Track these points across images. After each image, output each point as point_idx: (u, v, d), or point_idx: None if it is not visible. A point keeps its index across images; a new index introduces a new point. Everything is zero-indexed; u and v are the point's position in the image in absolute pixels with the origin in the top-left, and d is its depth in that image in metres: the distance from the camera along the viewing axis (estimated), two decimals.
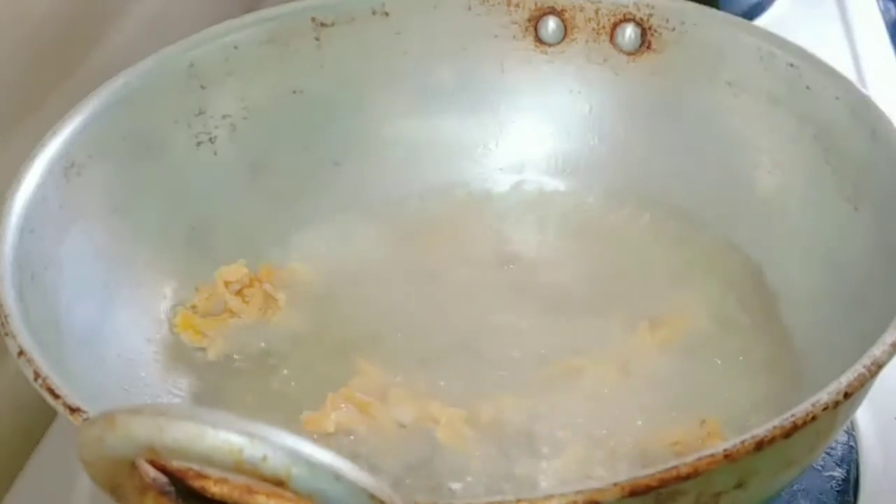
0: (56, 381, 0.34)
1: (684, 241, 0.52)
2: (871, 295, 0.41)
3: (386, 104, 0.55)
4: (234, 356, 0.47)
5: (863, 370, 0.33)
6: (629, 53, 0.54)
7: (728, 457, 0.30)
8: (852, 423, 0.47)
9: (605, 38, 0.54)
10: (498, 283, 0.50)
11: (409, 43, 0.54)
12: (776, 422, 0.31)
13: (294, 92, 0.54)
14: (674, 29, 0.52)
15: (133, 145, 0.49)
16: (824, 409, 0.32)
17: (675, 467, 0.30)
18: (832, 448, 0.46)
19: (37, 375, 0.35)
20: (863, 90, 0.46)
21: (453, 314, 0.48)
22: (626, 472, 0.30)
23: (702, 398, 0.44)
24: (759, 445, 0.31)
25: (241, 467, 0.25)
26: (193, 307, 0.48)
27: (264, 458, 0.25)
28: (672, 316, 0.48)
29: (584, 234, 0.53)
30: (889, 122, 0.44)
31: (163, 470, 0.29)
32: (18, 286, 0.39)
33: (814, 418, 0.32)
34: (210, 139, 0.52)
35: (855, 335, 0.39)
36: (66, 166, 0.45)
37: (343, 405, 0.44)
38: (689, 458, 0.30)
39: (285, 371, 0.47)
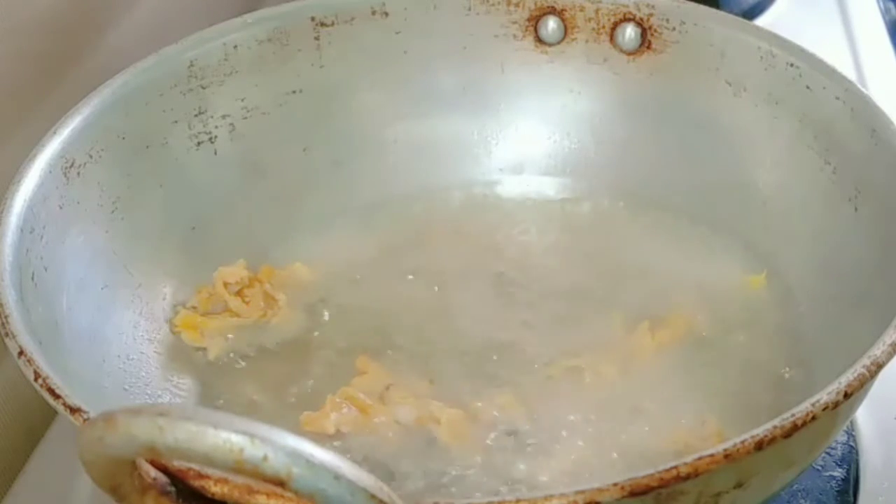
0: (56, 381, 0.34)
1: (684, 240, 0.52)
2: (871, 295, 0.41)
3: (386, 104, 0.55)
4: (234, 356, 0.47)
5: (863, 370, 0.33)
6: (629, 53, 0.54)
7: (728, 457, 0.30)
8: (852, 423, 0.47)
9: (605, 38, 0.54)
10: (498, 283, 0.50)
11: (409, 43, 0.54)
12: (776, 422, 0.31)
13: (294, 92, 0.54)
14: (674, 29, 0.52)
15: (133, 145, 0.49)
16: (824, 409, 0.32)
17: (675, 467, 0.30)
18: (832, 448, 0.46)
19: (37, 375, 0.35)
20: (863, 90, 0.46)
21: (453, 314, 0.48)
22: (625, 472, 0.30)
23: (702, 398, 0.44)
24: (759, 445, 0.31)
25: (241, 467, 0.25)
26: (193, 307, 0.48)
27: (265, 458, 0.25)
28: (672, 316, 0.48)
29: (584, 235, 0.53)
30: (889, 122, 0.44)
31: (163, 470, 0.29)
32: (18, 286, 0.39)
33: (814, 418, 0.32)
34: (210, 139, 0.52)
35: (855, 335, 0.39)
36: (66, 166, 0.45)
37: (343, 405, 0.44)
38: (689, 458, 0.30)
39: (285, 371, 0.47)
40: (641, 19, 0.53)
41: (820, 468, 0.45)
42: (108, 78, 0.49)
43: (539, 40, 0.55)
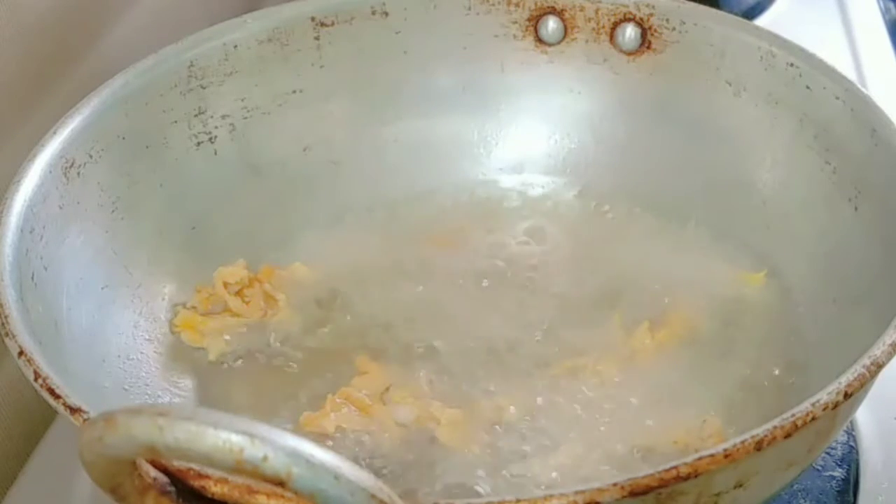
0: (56, 382, 0.34)
1: (684, 240, 0.52)
2: (871, 295, 0.41)
3: (386, 104, 0.55)
4: (235, 356, 0.47)
5: (863, 370, 0.33)
6: (629, 53, 0.54)
7: (728, 457, 0.30)
8: (852, 423, 0.47)
9: (605, 37, 0.54)
10: (498, 283, 0.50)
11: (409, 43, 0.54)
12: (776, 422, 0.31)
13: (294, 92, 0.54)
14: (674, 29, 0.52)
15: (133, 145, 0.49)
16: (824, 409, 0.32)
17: (675, 467, 0.30)
18: (832, 448, 0.46)
19: (37, 376, 0.35)
20: (863, 90, 0.46)
21: (453, 314, 0.48)
22: (625, 473, 0.30)
23: (702, 398, 0.44)
24: (759, 445, 0.31)
25: (241, 467, 0.25)
26: (193, 307, 0.48)
27: (265, 458, 0.25)
28: (672, 316, 0.48)
29: (583, 234, 0.53)
30: (889, 122, 0.44)
31: (163, 470, 0.29)
32: (18, 286, 0.39)
33: (814, 418, 0.32)
34: (210, 139, 0.52)
35: (855, 335, 0.39)
36: (66, 166, 0.45)
37: (343, 405, 0.44)
38: (689, 458, 0.30)
39: (285, 371, 0.47)
40: (641, 19, 0.53)
41: (820, 468, 0.45)
42: (108, 78, 0.49)
43: (539, 40, 0.55)
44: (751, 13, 0.75)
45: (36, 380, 0.35)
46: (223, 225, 0.51)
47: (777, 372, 0.45)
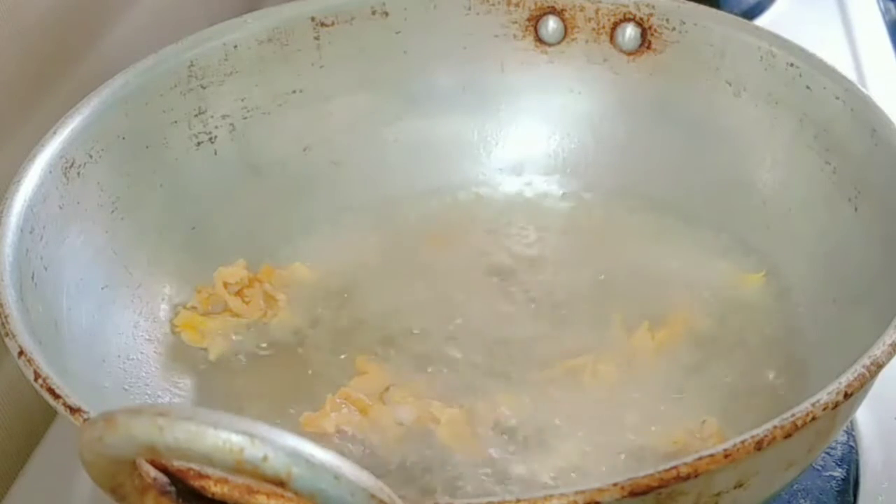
0: (56, 382, 0.34)
1: (684, 240, 0.52)
2: (871, 295, 0.41)
3: (386, 104, 0.55)
4: (234, 356, 0.47)
5: (863, 370, 0.33)
6: (629, 53, 0.54)
7: (728, 457, 0.30)
8: (852, 423, 0.47)
9: (605, 37, 0.54)
10: (498, 283, 0.50)
11: (409, 43, 0.54)
12: (776, 422, 0.31)
13: (294, 92, 0.54)
14: (674, 29, 0.52)
15: (133, 145, 0.49)
16: (824, 409, 0.32)
17: (675, 467, 0.30)
18: (832, 448, 0.46)
19: (37, 376, 0.35)
20: (863, 90, 0.46)
21: (453, 314, 0.48)
22: (625, 472, 0.30)
23: (702, 398, 0.44)
24: (759, 445, 0.31)
25: (241, 467, 0.25)
26: (193, 307, 0.48)
27: (265, 459, 0.25)
28: (672, 316, 0.48)
29: (584, 235, 0.53)
30: (889, 122, 0.44)
31: (163, 470, 0.29)
32: (18, 286, 0.39)
33: (814, 418, 0.32)
34: (210, 139, 0.52)
35: (855, 335, 0.39)
36: (66, 166, 0.45)
37: (343, 405, 0.44)
38: (689, 458, 0.30)
39: (285, 371, 0.47)
40: (641, 19, 0.53)
41: (820, 468, 0.45)
42: (108, 78, 0.49)
43: (539, 40, 0.55)
44: (751, 13, 0.75)
45: (36, 380, 0.35)
46: (223, 225, 0.51)
47: (777, 372, 0.45)
